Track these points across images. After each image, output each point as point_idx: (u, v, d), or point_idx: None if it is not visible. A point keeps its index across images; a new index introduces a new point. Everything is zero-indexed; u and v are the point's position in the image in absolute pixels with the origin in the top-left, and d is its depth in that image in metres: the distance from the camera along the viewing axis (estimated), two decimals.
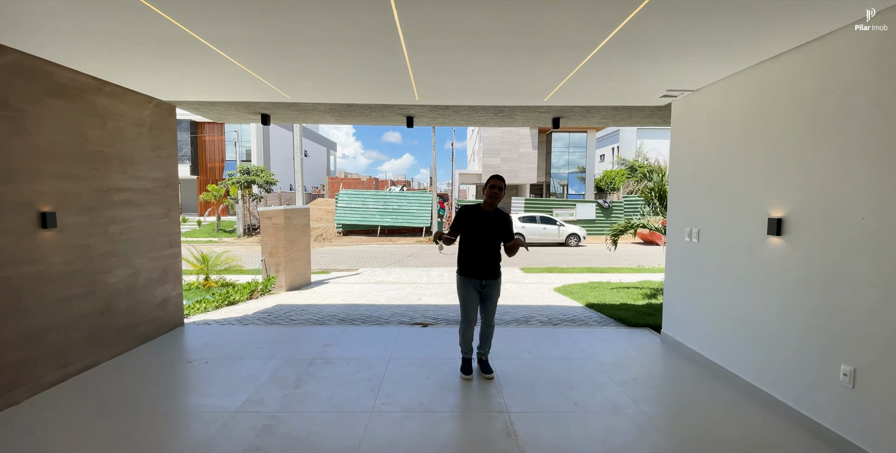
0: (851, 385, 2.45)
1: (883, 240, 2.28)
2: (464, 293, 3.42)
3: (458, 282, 3.45)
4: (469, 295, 3.41)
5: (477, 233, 3.35)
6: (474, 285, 3.39)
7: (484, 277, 3.38)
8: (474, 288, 3.39)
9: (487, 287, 3.41)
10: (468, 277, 3.39)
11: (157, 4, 2.27)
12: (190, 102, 4.62)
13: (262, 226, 8.63)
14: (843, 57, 2.50)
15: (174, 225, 4.73)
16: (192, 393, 3.28)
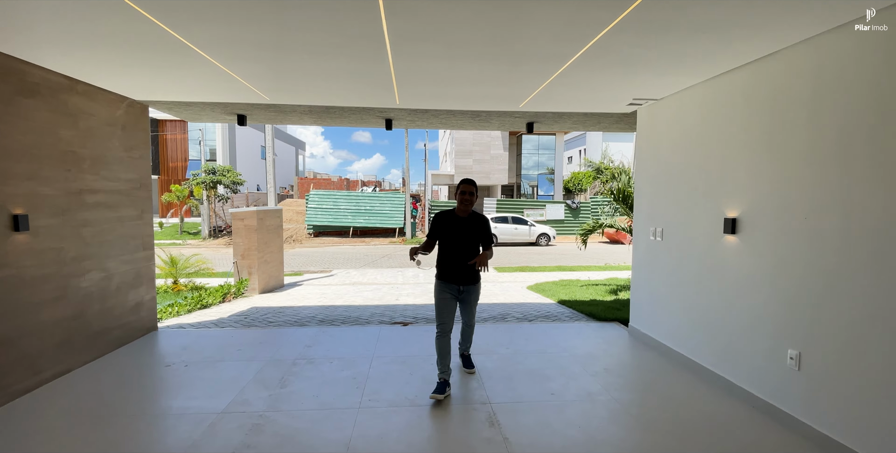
0: (797, 367, 2.73)
1: (822, 236, 2.56)
2: (440, 297, 3.31)
3: (435, 285, 3.36)
4: (445, 299, 3.30)
5: (453, 240, 3.27)
6: (452, 290, 3.31)
7: (462, 283, 3.30)
8: (452, 293, 3.31)
9: (465, 292, 3.34)
10: (446, 282, 3.31)
11: (144, 6, 2.28)
12: (164, 102, 4.54)
13: (234, 228, 8.48)
14: (786, 73, 2.80)
15: (147, 227, 4.64)
16: (174, 395, 3.26)
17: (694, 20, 2.36)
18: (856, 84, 2.37)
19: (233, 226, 8.56)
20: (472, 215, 3.35)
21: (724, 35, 2.58)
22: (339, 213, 20.81)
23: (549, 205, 22.07)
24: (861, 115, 2.34)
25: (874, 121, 2.28)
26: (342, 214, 20.80)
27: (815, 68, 2.61)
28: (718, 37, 2.60)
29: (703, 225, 3.60)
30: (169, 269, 8.37)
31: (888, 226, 2.21)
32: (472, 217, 3.34)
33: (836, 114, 2.48)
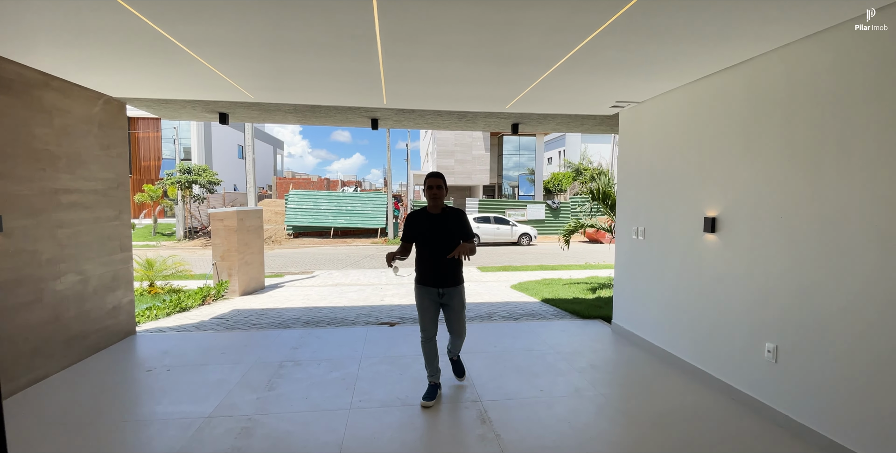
0: (774, 360, 2.86)
1: (797, 234, 2.69)
2: (420, 302, 3.14)
3: (414, 290, 3.16)
4: (426, 305, 3.12)
5: (428, 239, 3.05)
6: (431, 295, 3.09)
7: (441, 285, 3.07)
8: (431, 298, 3.10)
9: (446, 296, 3.09)
10: (424, 286, 3.10)
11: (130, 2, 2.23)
12: (143, 99, 4.42)
13: (213, 229, 8.29)
14: (762, 78, 2.92)
15: (125, 228, 4.50)
16: (158, 401, 3.18)
17: (677, 27, 2.45)
18: (826, 89, 2.50)
19: (212, 226, 8.37)
20: (446, 210, 3.13)
21: (703, 41, 2.68)
22: (319, 214, 20.55)
23: (529, 206, 22.31)
24: (831, 119, 2.47)
25: (843, 124, 2.40)
26: (323, 215, 20.55)
27: (788, 74, 2.73)
28: (699, 43, 2.70)
29: (684, 224, 3.72)
30: (145, 272, 8.12)
31: (857, 225, 2.34)
32: (446, 212, 3.12)
33: (808, 117, 2.61)
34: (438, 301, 3.11)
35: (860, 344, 2.33)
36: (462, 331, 3.26)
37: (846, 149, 2.39)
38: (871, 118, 2.27)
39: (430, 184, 3.06)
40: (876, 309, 2.25)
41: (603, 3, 2.17)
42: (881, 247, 2.23)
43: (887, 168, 2.20)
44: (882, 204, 2.22)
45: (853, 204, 2.36)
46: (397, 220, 21.62)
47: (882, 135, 2.22)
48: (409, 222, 3.14)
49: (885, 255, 2.21)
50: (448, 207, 3.15)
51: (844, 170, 2.40)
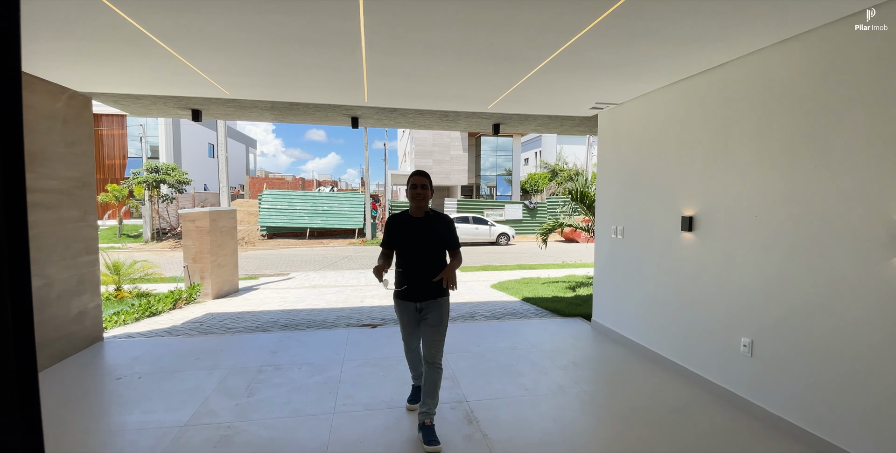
0: (750, 354, 2.95)
1: (771, 233, 2.79)
2: (399, 318, 2.80)
3: (394, 304, 2.82)
4: (405, 320, 2.75)
5: (409, 246, 2.66)
6: (409, 310, 2.71)
7: (419, 298, 2.65)
8: (409, 313, 2.71)
9: (425, 310, 2.67)
10: (402, 301, 2.72)
11: None
12: (110, 94, 4.22)
13: (184, 230, 8.01)
14: (738, 80, 3.02)
15: (91, 229, 4.29)
16: (130, 409, 3.04)
17: (658, 30, 2.50)
18: (798, 92, 2.60)
19: (182, 227, 8.08)
20: (430, 215, 2.72)
21: (682, 44, 2.74)
22: (294, 214, 20.15)
23: (507, 206, 22.49)
24: (803, 121, 2.57)
25: (815, 126, 2.50)
26: (298, 215, 20.16)
27: (762, 77, 2.83)
28: (678, 46, 2.77)
29: (662, 223, 3.81)
30: (111, 276, 7.77)
31: (828, 223, 2.44)
32: (430, 217, 2.71)
33: (781, 119, 2.70)
34: (417, 317, 2.71)
35: (832, 339, 2.43)
36: (436, 355, 2.67)
37: (818, 150, 2.49)
38: (842, 120, 2.37)
39: (414, 182, 2.68)
40: (847, 304, 2.36)
41: (589, 5, 2.20)
42: (852, 245, 2.33)
43: (857, 168, 2.30)
44: (852, 202, 2.33)
45: (825, 203, 2.46)
46: (375, 221, 21.43)
47: (852, 136, 2.32)
48: (391, 227, 2.75)
49: (856, 252, 2.31)
50: (433, 211, 2.77)
51: (816, 169, 2.50)
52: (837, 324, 2.40)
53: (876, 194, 2.21)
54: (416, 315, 2.72)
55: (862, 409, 2.29)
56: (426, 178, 2.73)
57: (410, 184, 2.71)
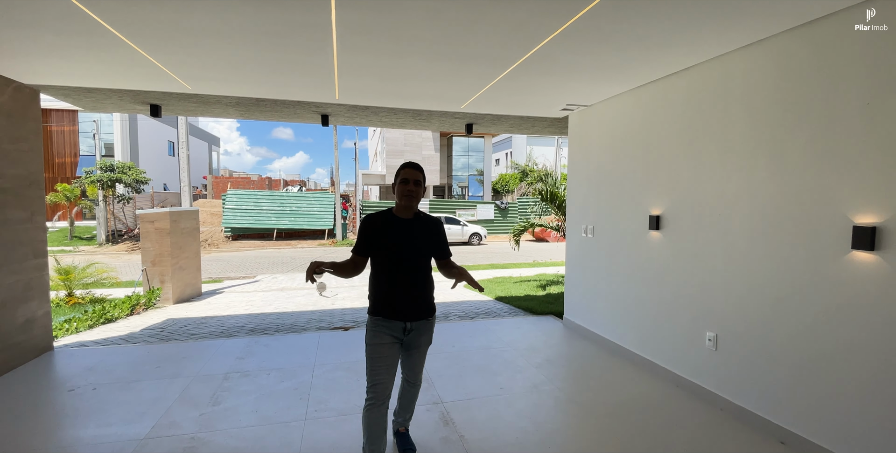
0: (715, 348, 3.07)
1: (733, 231, 2.90)
2: (374, 343, 2.19)
3: (368, 326, 2.24)
4: (384, 347, 2.19)
5: (397, 253, 2.19)
6: (395, 331, 2.21)
7: (410, 318, 2.21)
8: (394, 335, 2.21)
9: (414, 332, 2.25)
10: (387, 319, 2.20)
11: None
12: (60, 87, 3.95)
13: (143, 231, 7.62)
14: (703, 84, 3.13)
15: (39, 231, 4.00)
16: (84, 423, 2.84)
17: (629, 33, 2.55)
18: (757, 95, 2.72)
19: (141, 229, 7.69)
20: (421, 216, 2.32)
21: (651, 48, 2.82)
22: (260, 215, 19.57)
23: (479, 206, 22.63)
24: (763, 123, 2.69)
25: (773, 128, 2.62)
26: (265, 216, 19.59)
27: (725, 81, 2.94)
28: (647, 49, 2.84)
29: (631, 222, 3.90)
30: (62, 279, 7.30)
31: (787, 221, 2.56)
32: (420, 219, 2.30)
33: (743, 122, 2.82)
34: (402, 339, 2.24)
35: (791, 332, 2.55)
36: (419, 376, 2.45)
37: (776, 151, 2.61)
38: (797, 122, 2.49)
39: (406, 176, 2.22)
40: (804, 298, 2.48)
41: (561, 6, 2.21)
42: (808, 242, 2.45)
43: (811, 168, 2.42)
44: (807, 201, 2.45)
45: (782, 201, 2.58)
46: (346, 221, 21.09)
47: (807, 137, 2.44)
48: (368, 228, 2.23)
49: (812, 249, 2.43)
50: (423, 213, 2.35)
51: (775, 170, 2.62)
52: (795, 317, 2.52)
53: (829, 193, 2.34)
54: (401, 337, 2.22)
55: (819, 398, 2.42)
56: (421, 173, 2.28)
57: (401, 179, 2.23)
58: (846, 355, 2.28)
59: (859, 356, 2.23)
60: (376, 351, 2.19)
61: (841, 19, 2.28)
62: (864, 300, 2.20)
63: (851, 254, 2.24)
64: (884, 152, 2.11)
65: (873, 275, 2.16)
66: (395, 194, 2.27)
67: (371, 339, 2.21)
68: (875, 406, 2.17)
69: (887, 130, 2.09)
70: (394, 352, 2.23)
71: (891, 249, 2.10)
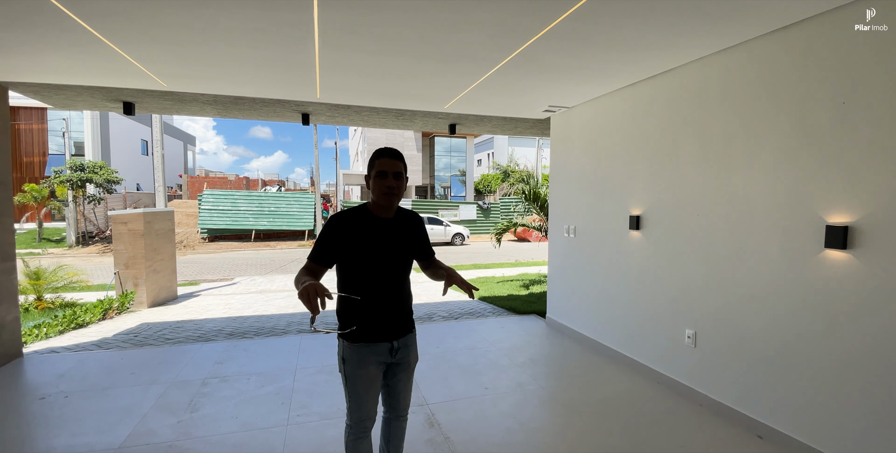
0: (694, 345, 3.13)
1: (711, 230, 2.97)
2: (359, 374, 1.83)
3: (346, 355, 1.84)
4: (371, 376, 1.85)
5: (378, 260, 1.82)
6: (380, 355, 1.86)
7: (398, 335, 1.89)
8: (380, 360, 1.86)
9: (402, 350, 1.91)
10: (371, 343, 1.83)
11: None
12: (29, 84, 3.78)
13: (115, 233, 7.37)
14: (682, 86, 3.20)
15: (7, 233, 3.82)
16: (56, 433, 2.72)
17: (611, 36, 2.59)
18: (734, 97, 2.79)
19: (113, 230, 7.44)
20: (403, 213, 1.96)
21: (632, 51, 2.86)
22: (238, 215, 19.17)
23: (461, 206, 22.68)
24: (739, 125, 2.76)
25: (748, 130, 2.70)
26: (242, 216, 19.20)
27: (703, 84, 3.01)
28: (627, 52, 2.88)
29: (612, 222, 3.96)
30: (31, 283, 7.00)
31: (760, 220, 2.63)
32: (404, 216, 1.95)
33: (720, 124, 2.89)
34: (388, 362, 1.90)
35: (766, 329, 2.63)
36: (408, 404, 2.03)
37: (751, 152, 2.68)
38: (771, 124, 2.57)
39: (384, 168, 1.80)
40: (778, 296, 2.55)
41: (545, 7, 2.23)
42: (782, 241, 2.52)
43: (785, 168, 2.50)
44: (781, 201, 2.52)
45: (757, 202, 2.65)
46: None
47: (780, 139, 2.52)
48: (337, 230, 1.79)
49: (786, 248, 2.51)
50: (404, 210, 1.98)
51: (749, 170, 2.69)
52: (770, 315, 2.60)
53: (801, 193, 2.41)
54: (387, 361, 1.88)
55: (794, 392, 2.49)
56: (401, 163, 1.85)
57: (377, 171, 1.81)
58: (820, 351, 2.36)
59: (831, 352, 2.31)
60: (362, 383, 1.83)
61: (813, 24, 2.36)
62: (836, 298, 2.28)
63: (824, 252, 2.32)
64: (854, 152, 2.19)
65: (845, 273, 2.24)
66: (371, 190, 1.84)
67: (353, 370, 1.82)
68: (847, 399, 2.25)
69: (858, 131, 2.18)
70: (380, 379, 1.89)
71: (861, 248, 2.18)
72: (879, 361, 2.11)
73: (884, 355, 2.09)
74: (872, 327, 2.13)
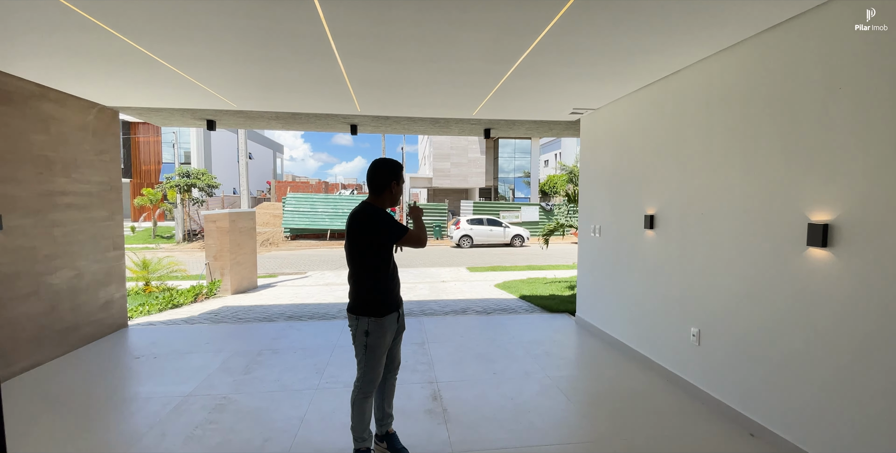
0: (698, 343, 3.16)
1: (713, 229, 3.00)
2: (383, 343, 2.28)
3: (371, 329, 2.25)
4: (387, 343, 2.32)
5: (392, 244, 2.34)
6: (392, 324, 2.34)
7: (399, 305, 2.42)
8: (393, 328, 2.35)
9: (401, 317, 2.45)
10: (389, 314, 2.30)
11: (113, 25, 2.56)
12: (134, 108, 4.76)
13: (206, 230, 8.62)
14: (687, 89, 3.24)
15: (118, 228, 4.83)
16: (143, 383, 3.50)
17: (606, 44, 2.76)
18: (732, 98, 2.82)
19: (205, 227, 8.70)
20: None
21: (627, 58, 2.99)
22: (316, 216, 20.90)
23: (524, 208, 22.61)
24: (735, 125, 2.79)
25: (744, 130, 2.72)
26: (319, 217, 20.90)
27: (706, 84, 3.05)
28: (627, 58, 3.02)
29: (630, 221, 4.02)
30: (140, 272, 8.45)
31: (753, 219, 2.64)
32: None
33: (720, 124, 2.92)
34: (396, 327, 2.39)
35: (764, 326, 2.63)
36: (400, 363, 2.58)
37: (746, 152, 2.70)
38: (763, 123, 2.58)
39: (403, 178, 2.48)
40: (769, 295, 2.56)
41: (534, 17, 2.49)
42: (772, 239, 2.53)
43: (774, 167, 2.51)
44: (771, 199, 2.53)
45: (751, 200, 2.67)
46: None
47: (771, 138, 2.53)
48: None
49: (775, 246, 2.51)
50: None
51: (745, 170, 2.71)
52: (763, 313, 2.60)
53: (791, 191, 2.42)
54: (395, 327, 2.37)
55: (788, 393, 2.49)
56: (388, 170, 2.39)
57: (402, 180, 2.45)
58: (808, 351, 2.35)
59: (819, 353, 2.30)
60: (382, 350, 2.28)
61: (801, 23, 2.37)
62: (819, 297, 2.27)
63: (808, 250, 2.32)
64: (834, 150, 2.19)
65: (826, 271, 2.23)
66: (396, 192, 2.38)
67: (377, 340, 2.25)
68: (837, 401, 2.24)
69: (839, 129, 2.17)
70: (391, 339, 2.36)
71: (839, 246, 2.17)
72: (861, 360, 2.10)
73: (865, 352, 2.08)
74: (856, 327, 2.12)
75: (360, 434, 2.35)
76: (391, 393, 2.53)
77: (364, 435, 2.36)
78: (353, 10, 2.31)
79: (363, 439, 2.36)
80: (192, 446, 2.58)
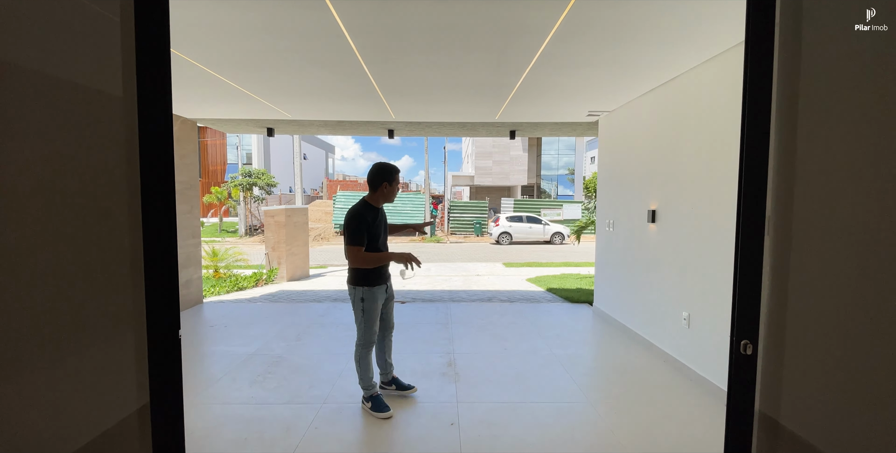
0: (688, 326, 3.48)
1: (701, 222, 3.32)
2: (375, 307, 2.90)
3: (365, 296, 2.84)
4: (378, 308, 2.93)
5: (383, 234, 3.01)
6: (382, 293, 2.97)
7: (388, 279, 3.05)
8: (383, 296, 2.98)
9: (389, 289, 3.07)
10: (381, 285, 2.93)
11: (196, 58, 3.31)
12: (208, 119, 5.67)
13: (266, 224, 9.67)
14: (683, 92, 3.56)
15: (195, 219, 5.77)
16: (218, 344, 4.32)
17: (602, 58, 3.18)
18: (718, 101, 3.13)
19: (264, 222, 9.76)
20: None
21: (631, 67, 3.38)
22: None
23: (566, 205, 22.56)
24: (721, 126, 3.10)
25: (727, 130, 3.03)
26: None
27: (697, 91, 3.37)
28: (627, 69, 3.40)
29: (637, 216, 4.36)
30: (212, 259, 9.64)
31: (731, 212, 2.96)
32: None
33: (709, 125, 3.24)
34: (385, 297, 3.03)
35: None
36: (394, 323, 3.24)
37: (726, 151, 3.02)
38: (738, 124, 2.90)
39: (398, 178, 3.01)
40: None
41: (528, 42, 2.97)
42: None
43: None
44: None
45: (729, 195, 2.99)
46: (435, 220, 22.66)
47: None
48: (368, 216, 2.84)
49: None
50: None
51: (725, 167, 3.03)
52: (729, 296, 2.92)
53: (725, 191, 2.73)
54: (384, 295, 2.98)
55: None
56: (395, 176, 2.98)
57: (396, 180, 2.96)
58: None
59: None
60: (375, 313, 2.90)
61: None
62: None
63: None
64: None
65: None
66: (388, 192, 2.93)
67: (371, 305, 2.86)
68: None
69: None
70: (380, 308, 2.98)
71: None
72: None
73: None
74: None
75: (368, 383, 2.95)
76: (390, 348, 3.19)
77: (371, 383, 2.96)
78: (377, 43, 2.90)
79: (371, 386, 2.96)
80: (255, 388, 3.30)
